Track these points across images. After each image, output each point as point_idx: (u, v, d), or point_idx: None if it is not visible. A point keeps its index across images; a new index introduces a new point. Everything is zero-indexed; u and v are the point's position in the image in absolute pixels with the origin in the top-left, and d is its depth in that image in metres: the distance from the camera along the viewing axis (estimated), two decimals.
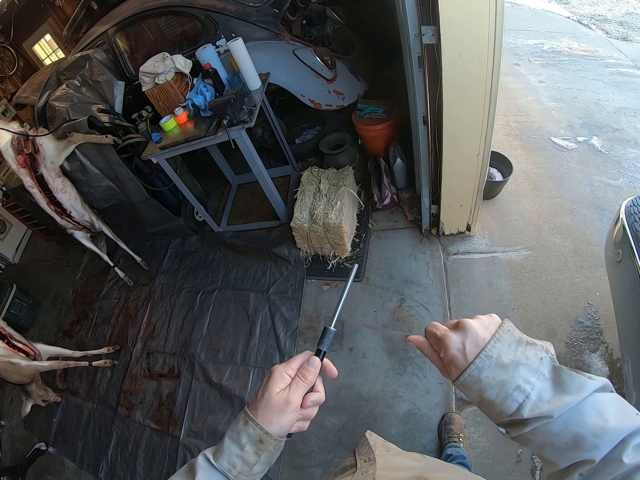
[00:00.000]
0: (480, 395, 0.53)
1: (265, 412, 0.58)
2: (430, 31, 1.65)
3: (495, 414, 0.53)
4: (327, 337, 0.62)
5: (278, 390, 0.59)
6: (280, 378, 0.60)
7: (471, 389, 0.54)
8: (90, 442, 2.74)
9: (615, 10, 5.08)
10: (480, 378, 0.53)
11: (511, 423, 0.52)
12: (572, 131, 3.18)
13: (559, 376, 0.50)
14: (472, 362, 0.54)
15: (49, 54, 5.77)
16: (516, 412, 0.50)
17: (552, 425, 0.48)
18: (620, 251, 1.51)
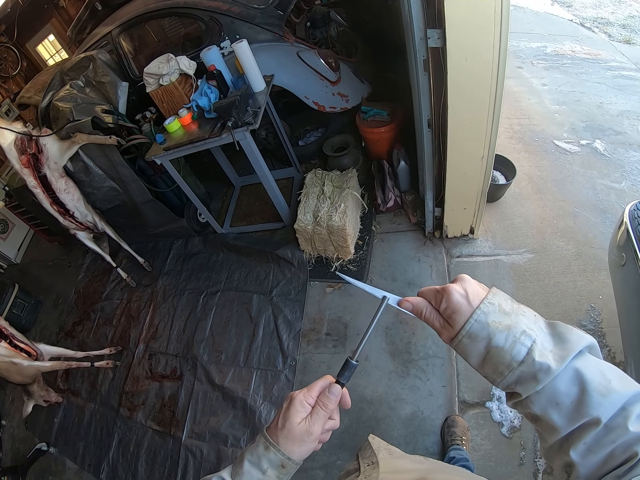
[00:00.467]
0: (488, 344, 0.51)
1: (287, 441, 0.59)
2: (436, 34, 1.65)
3: (504, 366, 0.50)
4: (349, 370, 0.61)
5: (299, 421, 0.59)
6: (302, 407, 0.60)
7: (478, 338, 0.52)
8: (92, 443, 2.73)
9: (617, 13, 5.08)
10: (488, 322, 0.51)
11: (519, 381, 0.50)
12: (575, 134, 3.19)
13: (556, 329, 0.51)
14: (477, 307, 0.53)
15: (52, 55, 5.78)
16: (526, 356, 0.49)
17: (558, 381, 0.48)
18: (624, 255, 1.51)
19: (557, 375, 0.47)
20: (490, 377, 0.53)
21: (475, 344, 0.53)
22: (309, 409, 0.60)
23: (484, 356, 0.52)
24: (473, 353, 0.53)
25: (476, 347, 0.53)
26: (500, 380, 0.52)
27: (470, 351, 0.54)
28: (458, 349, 0.55)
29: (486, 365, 0.53)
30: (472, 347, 0.53)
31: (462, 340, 0.54)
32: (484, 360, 0.53)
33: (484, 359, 0.53)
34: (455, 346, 0.55)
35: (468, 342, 0.53)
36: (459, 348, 0.55)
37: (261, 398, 2.36)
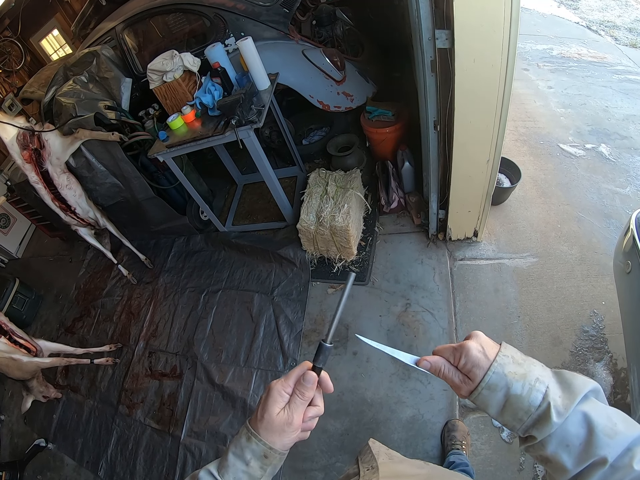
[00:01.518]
0: (507, 393, 0.54)
1: (267, 432, 0.59)
2: (444, 35, 1.64)
3: (523, 412, 0.53)
4: (324, 353, 0.60)
5: (278, 411, 0.59)
6: (279, 396, 0.60)
7: (497, 388, 0.55)
8: (91, 440, 2.74)
9: (624, 16, 5.05)
10: (505, 373, 0.55)
11: (535, 425, 0.53)
12: (580, 138, 3.17)
13: (562, 376, 0.55)
14: (493, 360, 0.56)
15: (56, 50, 5.77)
16: (542, 402, 0.52)
17: (568, 423, 0.51)
18: (630, 262, 1.50)
19: (568, 418, 0.51)
20: (510, 424, 0.56)
21: (495, 394, 0.56)
22: (287, 397, 0.60)
23: (503, 405, 0.56)
24: (493, 403, 0.56)
25: (495, 397, 0.56)
26: (519, 427, 0.55)
27: (490, 401, 0.57)
28: (478, 400, 0.58)
29: (505, 413, 0.56)
30: (491, 397, 0.56)
31: (481, 392, 0.57)
32: (503, 409, 0.56)
33: (504, 407, 0.56)
34: (475, 398, 0.58)
35: (488, 394, 0.56)
36: (479, 400, 0.58)
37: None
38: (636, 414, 1.38)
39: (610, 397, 1.88)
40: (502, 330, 2.20)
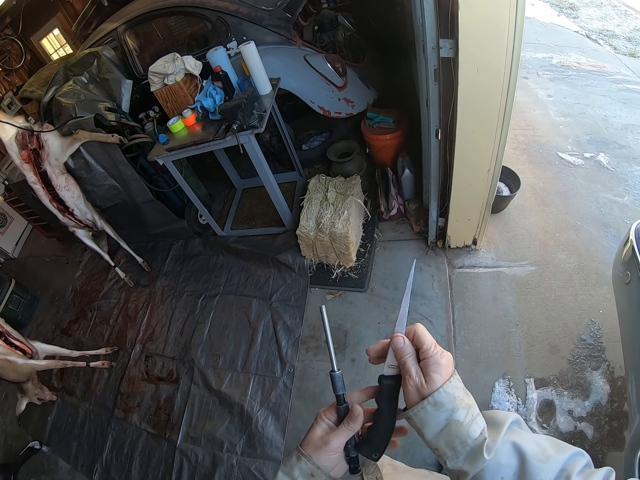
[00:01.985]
0: (450, 417, 0.53)
1: (312, 450, 0.60)
2: (448, 44, 1.65)
3: (459, 441, 0.53)
4: (336, 381, 0.62)
5: (320, 434, 0.61)
6: (321, 420, 0.62)
7: (442, 408, 0.53)
8: (85, 443, 2.71)
9: (623, 26, 5.08)
10: (455, 396, 0.54)
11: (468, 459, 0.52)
12: (579, 147, 3.18)
13: (486, 415, 0.57)
14: (448, 378, 0.55)
15: (56, 49, 5.75)
16: (479, 436, 0.52)
17: (499, 455, 0.51)
18: (629, 273, 1.50)
19: (497, 450, 0.51)
20: (441, 450, 0.54)
21: (438, 414, 0.54)
22: (329, 422, 0.61)
23: (442, 428, 0.54)
24: (432, 423, 0.54)
25: (438, 417, 0.54)
26: (451, 457, 0.53)
27: (431, 421, 0.54)
28: (417, 416, 0.55)
29: (441, 438, 0.54)
30: (434, 416, 0.54)
31: (426, 407, 0.54)
32: (440, 432, 0.54)
33: (441, 431, 0.54)
34: (416, 413, 0.55)
35: (431, 411, 0.54)
36: (419, 415, 0.55)
37: (258, 404, 2.34)
38: (634, 422, 1.38)
39: (608, 405, 1.88)
40: (500, 338, 2.20)
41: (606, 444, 1.77)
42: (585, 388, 1.95)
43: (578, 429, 1.84)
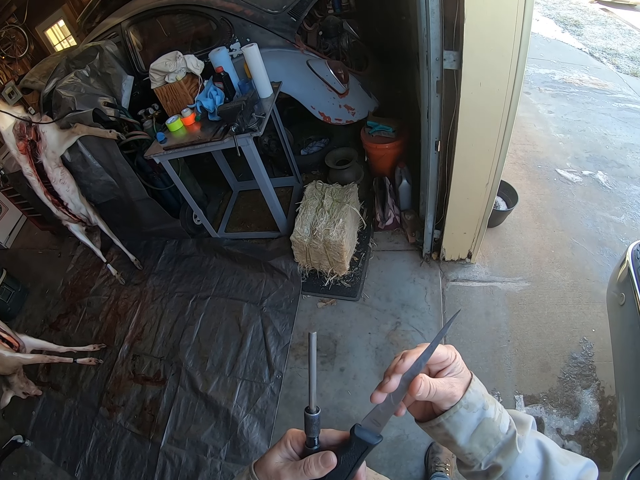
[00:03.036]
0: (481, 416, 0.51)
1: (261, 473, 0.52)
2: (452, 56, 1.64)
3: (492, 438, 0.51)
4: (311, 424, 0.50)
5: (278, 459, 0.52)
6: (285, 447, 0.52)
7: (474, 408, 0.51)
8: (69, 440, 2.67)
9: (627, 45, 5.11)
10: (482, 393, 0.53)
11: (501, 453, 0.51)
12: (578, 164, 3.19)
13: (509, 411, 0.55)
14: (472, 377, 0.54)
15: (60, 40, 5.74)
16: (509, 429, 0.51)
17: (526, 453, 0.51)
18: (624, 294, 1.50)
19: (526, 445, 0.51)
20: (475, 452, 0.52)
21: (471, 415, 0.52)
22: (292, 452, 0.53)
23: (475, 429, 0.52)
24: (465, 426, 0.52)
25: (471, 418, 0.52)
26: (485, 456, 0.52)
27: (464, 423, 0.52)
28: (450, 422, 0.52)
29: (475, 439, 0.52)
30: (467, 418, 0.52)
31: (459, 410, 0.51)
32: (474, 433, 0.52)
33: (475, 432, 0.52)
34: (448, 419, 0.51)
35: (465, 414, 0.51)
36: (452, 420, 0.52)
37: (244, 409, 2.32)
38: (623, 445, 1.38)
39: (597, 424, 1.87)
40: (491, 353, 2.19)
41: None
42: (575, 407, 1.94)
43: (566, 447, 1.82)
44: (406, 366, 0.51)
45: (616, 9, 6.15)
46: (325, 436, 0.53)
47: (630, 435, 1.33)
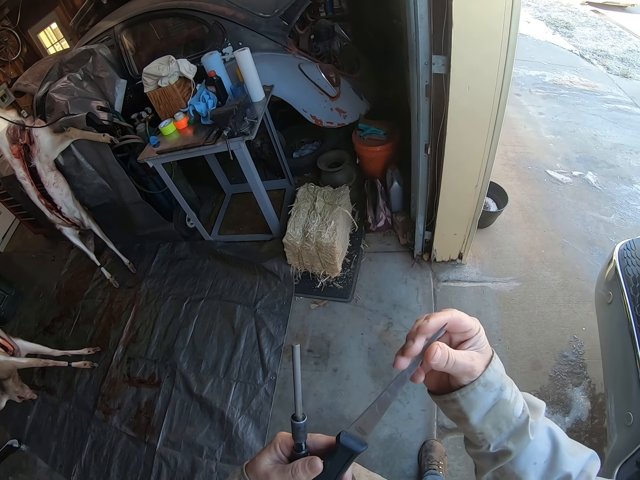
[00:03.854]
0: (498, 397, 0.50)
1: (252, 474, 0.53)
2: (441, 61, 1.66)
3: (505, 420, 0.50)
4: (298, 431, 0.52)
5: (268, 461, 0.53)
6: (274, 450, 0.53)
7: (492, 388, 0.50)
8: (65, 443, 2.66)
9: (617, 46, 5.17)
10: (501, 373, 0.51)
11: (512, 437, 0.50)
12: (568, 165, 3.22)
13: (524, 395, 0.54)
14: (492, 354, 0.52)
15: (53, 43, 5.72)
16: (522, 413, 0.50)
17: (537, 440, 0.49)
18: (612, 293, 1.53)
19: (537, 433, 0.49)
20: (486, 433, 0.51)
21: (487, 394, 0.50)
22: (280, 455, 0.54)
23: (489, 409, 0.50)
24: (480, 405, 0.50)
25: (487, 397, 0.50)
26: (496, 437, 0.51)
27: (479, 402, 0.50)
28: (465, 399, 0.50)
29: (488, 419, 0.51)
30: (483, 397, 0.50)
31: (476, 388, 0.50)
32: (487, 414, 0.51)
33: (488, 412, 0.50)
34: (465, 394, 0.50)
35: (482, 391, 0.50)
36: (467, 398, 0.50)
37: (239, 411, 2.33)
38: (612, 441, 1.40)
39: (588, 421, 1.90)
40: None
41: None
42: (566, 404, 1.97)
43: None
44: (431, 327, 0.49)
45: (607, 10, 6.21)
46: (313, 441, 0.53)
47: (619, 431, 1.36)
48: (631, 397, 1.32)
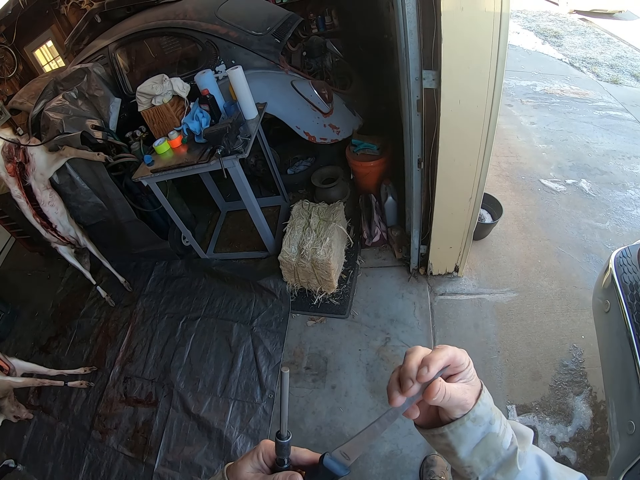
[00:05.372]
0: (487, 430, 0.50)
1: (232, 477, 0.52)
2: (431, 76, 1.68)
3: (494, 453, 0.50)
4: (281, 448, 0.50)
5: (249, 469, 0.51)
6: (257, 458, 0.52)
7: (481, 422, 0.50)
8: (61, 464, 2.62)
9: (606, 53, 5.25)
10: (491, 406, 0.51)
11: (500, 470, 0.50)
12: (561, 173, 3.25)
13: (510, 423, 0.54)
14: (481, 387, 0.51)
15: (49, 61, 5.74)
16: (510, 445, 0.50)
17: (527, 470, 0.50)
18: (609, 301, 1.53)
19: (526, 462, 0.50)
20: (475, 466, 0.51)
21: (477, 429, 0.50)
22: (262, 464, 0.52)
23: (478, 442, 0.50)
24: (469, 439, 0.50)
25: (475, 431, 0.50)
26: (484, 469, 0.51)
27: (468, 437, 0.50)
28: (454, 433, 0.50)
29: (476, 453, 0.51)
30: (472, 431, 0.50)
31: (466, 423, 0.49)
32: (476, 447, 0.50)
33: (477, 446, 0.50)
34: (453, 429, 0.50)
35: (471, 426, 0.50)
36: (456, 433, 0.50)
37: (237, 430, 2.31)
38: (615, 449, 1.39)
39: (590, 429, 1.89)
40: (481, 365, 2.20)
41: (589, 469, 1.78)
42: (568, 413, 1.95)
43: (561, 455, 1.84)
44: (431, 375, 0.47)
45: (595, 18, 6.32)
46: (296, 455, 0.52)
47: (621, 439, 1.35)
48: (632, 405, 1.31)
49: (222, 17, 2.90)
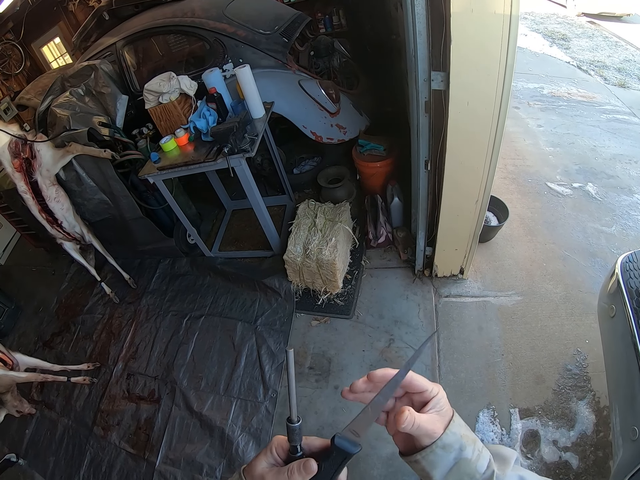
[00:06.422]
0: (458, 456, 0.52)
1: (248, 476, 0.54)
2: (440, 77, 1.68)
3: (468, 477, 0.52)
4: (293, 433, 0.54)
5: (263, 464, 0.54)
6: (270, 453, 0.54)
7: (451, 449, 0.52)
8: (63, 459, 2.63)
9: (614, 56, 5.22)
10: (460, 434, 0.53)
11: None
12: (568, 177, 3.23)
13: (492, 448, 0.57)
14: (452, 417, 0.54)
15: (56, 57, 5.77)
16: (487, 469, 0.52)
17: None
18: (614, 307, 1.52)
19: None
20: None
21: (447, 455, 0.52)
22: (276, 457, 0.54)
23: (451, 467, 0.53)
24: (441, 465, 0.53)
25: (447, 458, 0.52)
26: None
27: (440, 463, 0.53)
28: (426, 460, 0.53)
29: (450, 477, 0.53)
30: (443, 458, 0.52)
31: (435, 450, 0.52)
32: (449, 472, 0.53)
33: (450, 471, 0.53)
34: (424, 457, 0.53)
35: (441, 454, 0.52)
36: (428, 459, 0.53)
37: (240, 428, 2.31)
38: (618, 455, 1.39)
39: (593, 434, 1.88)
40: (485, 368, 2.20)
41: (591, 474, 1.77)
42: (571, 418, 1.94)
43: (563, 459, 1.83)
44: (377, 375, 0.56)
45: (603, 21, 6.29)
46: (308, 443, 0.55)
47: (624, 444, 1.34)
48: (636, 410, 1.31)
49: (230, 15, 2.90)
